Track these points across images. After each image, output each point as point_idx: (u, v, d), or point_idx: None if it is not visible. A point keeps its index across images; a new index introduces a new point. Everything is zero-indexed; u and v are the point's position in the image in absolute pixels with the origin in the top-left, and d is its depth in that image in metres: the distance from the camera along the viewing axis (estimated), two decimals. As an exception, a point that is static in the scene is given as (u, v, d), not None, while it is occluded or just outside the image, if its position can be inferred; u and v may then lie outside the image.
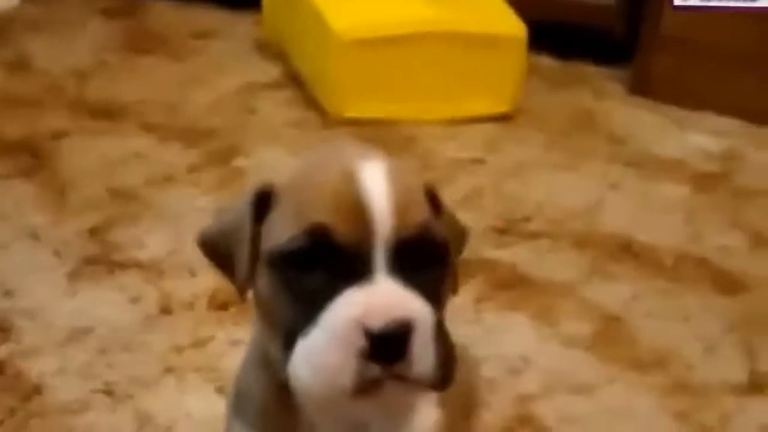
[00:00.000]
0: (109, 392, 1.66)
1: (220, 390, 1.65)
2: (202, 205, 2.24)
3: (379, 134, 2.57)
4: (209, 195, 2.29)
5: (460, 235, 1.06)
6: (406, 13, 2.72)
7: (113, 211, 2.20)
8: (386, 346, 0.84)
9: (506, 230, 2.24)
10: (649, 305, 2.02)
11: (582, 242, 2.22)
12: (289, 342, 0.90)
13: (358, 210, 0.87)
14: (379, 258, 0.87)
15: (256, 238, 0.95)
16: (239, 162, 2.48)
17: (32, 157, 2.44)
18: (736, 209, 2.42)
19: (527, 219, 2.30)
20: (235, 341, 1.76)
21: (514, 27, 2.75)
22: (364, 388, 0.85)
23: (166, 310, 1.87)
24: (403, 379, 0.86)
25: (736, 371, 1.84)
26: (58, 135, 2.55)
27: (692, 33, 2.86)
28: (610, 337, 1.91)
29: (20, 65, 2.99)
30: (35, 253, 2.05)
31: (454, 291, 1.02)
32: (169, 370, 1.72)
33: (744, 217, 2.38)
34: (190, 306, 1.89)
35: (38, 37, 3.16)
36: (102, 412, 1.61)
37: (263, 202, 0.95)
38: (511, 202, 2.36)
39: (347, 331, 0.84)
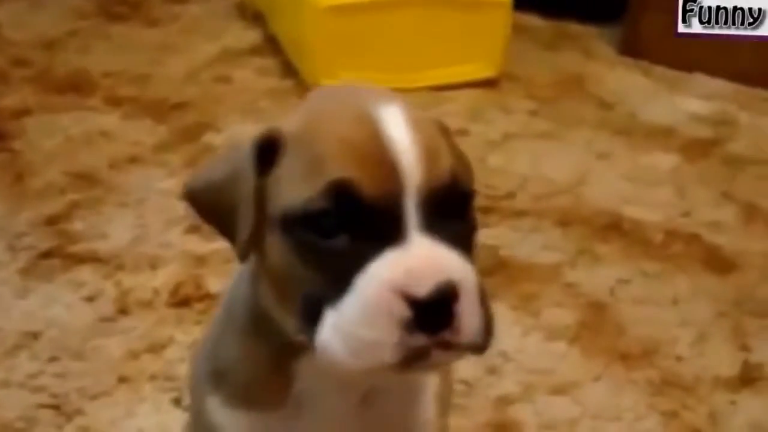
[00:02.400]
0: (56, 407, 1.55)
1: (176, 402, 1.55)
2: (166, 188, 2.12)
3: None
4: (175, 176, 2.17)
5: (469, 168, 0.93)
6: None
7: (73, 198, 2.08)
8: (432, 313, 0.75)
9: (489, 209, 2.12)
10: (636, 290, 1.92)
11: (568, 220, 2.11)
12: (312, 313, 0.80)
13: (383, 161, 0.78)
14: (411, 214, 0.78)
15: (260, 195, 0.83)
16: (209, 138, 2.36)
17: (-8, 138, 2.32)
18: (728, 179, 2.33)
19: (511, 195, 2.19)
20: (194, 344, 1.65)
21: (499, -12, 2.61)
22: (410, 360, 0.77)
23: (123, 309, 1.76)
24: (449, 346, 0.77)
25: (727, 363, 1.74)
26: (19, 113, 2.43)
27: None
28: (595, 327, 1.80)
29: (-15, 37, 2.86)
30: (-13, 247, 1.93)
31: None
32: (122, 379, 1.61)
33: (737, 188, 2.29)
34: (149, 304, 1.78)
35: (4, 5, 3.02)
36: (47, 430, 1.51)
37: (267, 151, 0.83)
38: (494, 176, 2.25)
39: (388, 300, 0.75)
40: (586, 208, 2.15)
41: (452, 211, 0.81)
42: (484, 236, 2.00)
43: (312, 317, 0.80)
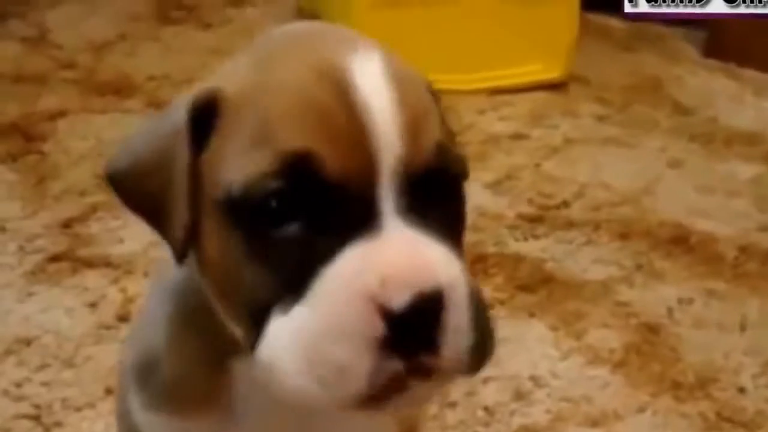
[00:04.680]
0: (35, 417, 1.42)
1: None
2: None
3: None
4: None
5: (457, 146, 0.75)
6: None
7: (93, 201, 1.97)
8: (412, 329, 0.59)
9: (538, 218, 1.93)
10: (698, 311, 1.69)
11: (627, 232, 1.90)
12: (257, 319, 0.64)
13: (353, 128, 0.62)
14: (386, 197, 0.62)
15: (196, 173, 0.67)
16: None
17: (25, 140, 2.22)
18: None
19: (565, 205, 1.99)
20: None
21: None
22: (382, 389, 0.60)
23: (124, 317, 1.63)
24: (431, 371, 0.60)
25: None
26: (56, 115, 2.33)
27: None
28: (646, 351, 1.59)
29: (36, 40, 2.80)
30: (-2, 249, 1.83)
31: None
32: (109, 391, 1.46)
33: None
34: (153, 312, 1.64)
35: (59, 8, 2.96)
36: (21, 443, 1.39)
37: (205, 117, 0.66)
38: (548, 184, 2.06)
39: (356, 312, 0.59)
40: (649, 220, 1.94)
41: (437, 195, 0.64)
42: (530, 248, 1.81)
43: (257, 323, 0.64)
